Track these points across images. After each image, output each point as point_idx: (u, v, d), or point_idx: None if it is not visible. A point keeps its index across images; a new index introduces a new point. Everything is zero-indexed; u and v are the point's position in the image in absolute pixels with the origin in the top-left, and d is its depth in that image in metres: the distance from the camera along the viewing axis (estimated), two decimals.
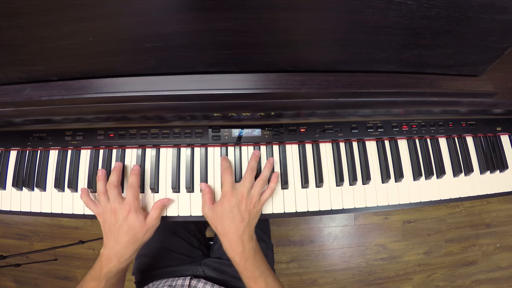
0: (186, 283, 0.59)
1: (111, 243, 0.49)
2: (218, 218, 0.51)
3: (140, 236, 0.50)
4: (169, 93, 0.43)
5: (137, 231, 0.50)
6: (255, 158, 0.55)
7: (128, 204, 0.50)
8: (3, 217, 1.45)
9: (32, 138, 0.57)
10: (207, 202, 0.52)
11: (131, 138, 0.57)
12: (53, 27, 0.35)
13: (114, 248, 0.49)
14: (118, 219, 0.50)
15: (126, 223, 0.49)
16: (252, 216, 0.51)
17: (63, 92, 0.43)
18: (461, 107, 0.54)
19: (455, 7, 0.35)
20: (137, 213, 0.50)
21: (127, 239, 0.49)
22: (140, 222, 0.50)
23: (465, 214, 1.51)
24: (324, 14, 0.36)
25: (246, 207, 0.51)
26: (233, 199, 0.50)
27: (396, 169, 0.60)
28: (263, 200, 0.53)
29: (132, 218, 0.50)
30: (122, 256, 0.49)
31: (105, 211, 0.51)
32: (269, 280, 0.49)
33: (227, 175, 0.53)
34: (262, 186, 0.53)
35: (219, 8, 0.34)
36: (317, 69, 0.45)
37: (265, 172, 0.54)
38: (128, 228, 0.49)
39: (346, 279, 1.44)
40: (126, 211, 0.50)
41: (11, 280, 1.42)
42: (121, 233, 0.49)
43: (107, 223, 0.50)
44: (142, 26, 0.36)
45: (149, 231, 0.51)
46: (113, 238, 0.49)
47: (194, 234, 0.73)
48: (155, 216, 0.52)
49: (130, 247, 0.49)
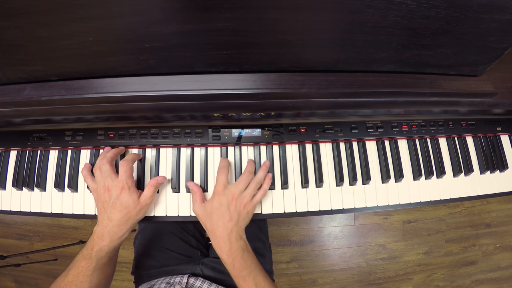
0: (184, 280, 0.59)
1: (104, 221, 0.49)
2: (208, 215, 0.51)
3: (134, 214, 0.50)
4: (169, 93, 0.43)
5: (130, 209, 0.49)
6: (252, 163, 0.56)
7: (122, 181, 0.50)
8: (3, 217, 1.45)
9: (32, 138, 0.57)
10: (197, 200, 0.53)
11: (131, 138, 0.57)
12: (53, 27, 0.35)
13: (107, 226, 0.48)
14: (112, 196, 0.49)
15: (119, 200, 0.49)
16: (242, 216, 0.51)
17: (63, 92, 0.43)
18: (461, 107, 0.54)
19: (455, 7, 0.35)
20: (131, 191, 0.50)
21: (120, 217, 0.49)
22: (133, 200, 0.50)
23: (465, 214, 1.51)
24: (324, 14, 0.36)
25: (235, 207, 0.51)
26: (223, 198, 0.51)
27: (396, 169, 0.60)
28: (254, 202, 0.53)
29: (125, 195, 0.49)
30: (114, 234, 0.48)
31: (99, 187, 0.50)
32: (259, 280, 0.49)
33: (221, 174, 0.53)
34: (255, 188, 0.53)
35: (219, 8, 0.34)
36: (317, 69, 0.45)
37: (259, 174, 0.54)
38: (121, 205, 0.49)
39: (346, 279, 1.44)
40: (119, 189, 0.49)
41: (11, 280, 1.42)
42: (114, 210, 0.49)
43: (101, 200, 0.50)
44: (142, 26, 0.36)
45: (143, 210, 0.51)
46: (106, 216, 0.49)
47: (193, 234, 0.73)
48: (149, 194, 0.52)
49: (123, 225, 0.49)
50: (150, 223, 0.72)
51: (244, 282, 0.48)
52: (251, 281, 0.48)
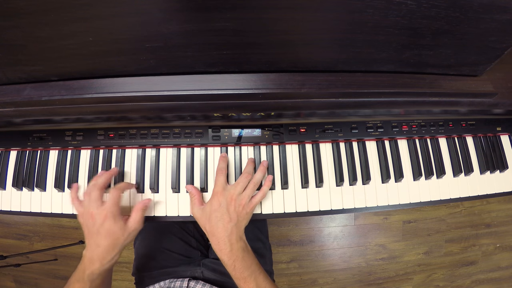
0: (184, 284, 0.59)
1: (92, 246, 0.48)
2: (207, 217, 0.51)
3: (121, 240, 0.49)
4: (169, 93, 0.43)
5: (117, 235, 0.49)
6: (251, 164, 0.56)
7: (105, 209, 0.49)
8: (3, 217, 1.45)
9: (32, 138, 0.57)
10: (196, 203, 0.53)
11: (131, 138, 0.57)
12: (53, 27, 0.35)
13: (95, 251, 0.48)
14: (95, 223, 0.48)
15: (103, 228, 0.48)
16: (241, 217, 0.51)
17: (63, 92, 0.43)
18: (461, 107, 0.54)
19: (455, 7, 0.35)
20: (115, 219, 0.49)
21: (107, 243, 0.48)
22: (119, 228, 0.49)
23: (465, 214, 1.51)
24: (324, 14, 0.36)
25: (234, 208, 0.50)
26: (222, 199, 0.50)
27: (396, 169, 0.60)
28: (253, 203, 0.52)
29: (108, 224, 0.48)
30: (103, 259, 0.48)
31: (84, 213, 0.50)
32: (260, 280, 0.49)
33: (220, 175, 0.53)
34: (254, 189, 0.53)
35: (219, 8, 0.34)
36: (317, 69, 0.45)
37: (257, 175, 0.54)
38: (106, 233, 0.48)
39: (346, 279, 1.44)
40: (102, 217, 0.48)
41: (11, 280, 1.42)
42: (99, 237, 0.48)
43: (86, 226, 0.49)
44: (142, 26, 0.36)
45: (131, 234, 0.51)
46: (93, 241, 0.48)
47: (193, 235, 0.73)
48: (137, 219, 0.51)
49: (112, 250, 0.48)
50: (150, 223, 0.72)
51: (245, 283, 0.48)
52: (252, 282, 0.48)
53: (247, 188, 0.52)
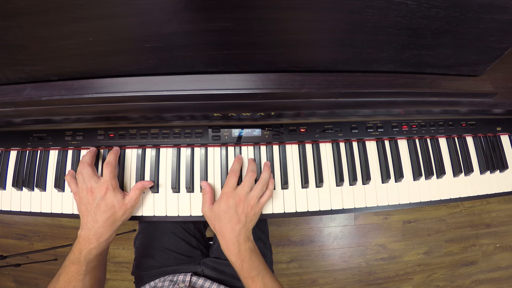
0: (187, 279, 0.59)
1: (89, 223, 0.48)
2: (216, 217, 0.51)
3: (119, 215, 0.50)
4: (169, 93, 0.43)
5: (115, 210, 0.49)
6: (253, 162, 0.56)
7: (106, 182, 0.50)
8: (3, 217, 1.45)
9: (32, 138, 0.57)
10: (207, 201, 0.53)
11: (131, 138, 0.57)
12: (53, 27, 0.35)
13: (92, 228, 0.48)
14: (96, 198, 0.49)
15: (104, 201, 0.49)
16: (249, 218, 0.51)
17: (63, 92, 0.43)
18: (461, 107, 0.54)
19: (455, 7, 0.35)
20: (115, 191, 0.50)
21: (106, 218, 0.48)
22: (118, 201, 0.50)
23: (465, 214, 1.51)
24: (324, 14, 0.36)
25: (243, 209, 0.51)
26: (231, 200, 0.51)
27: (396, 169, 0.60)
28: (261, 203, 0.53)
29: (109, 196, 0.49)
30: (100, 236, 0.48)
31: (82, 190, 0.50)
32: (267, 280, 0.49)
33: (232, 177, 0.53)
34: (262, 189, 0.53)
35: (219, 8, 0.34)
36: (317, 69, 0.45)
37: (264, 175, 0.55)
38: (106, 206, 0.49)
39: (346, 279, 1.44)
40: (104, 189, 0.49)
41: (11, 280, 1.42)
42: (98, 212, 0.48)
43: (84, 202, 0.50)
44: (142, 26, 0.36)
45: (128, 211, 0.51)
46: (91, 218, 0.48)
47: (193, 234, 0.73)
48: (134, 196, 0.52)
49: (109, 226, 0.49)
50: (150, 223, 0.72)
51: (252, 282, 0.48)
52: (259, 282, 0.48)
53: (254, 188, 0.53)
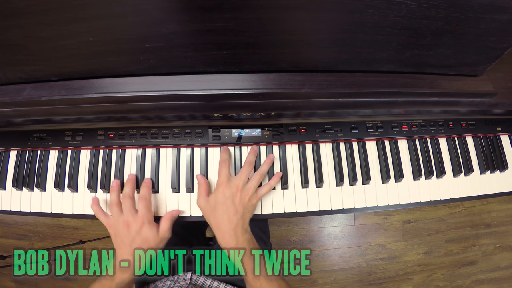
0: (187, 277, 0.59)
1: (125, 256, 0.49)
2: (211, 209, 0.50)
3: (154, 248, 0.50)
4: (169, 93, 0.43)
5: (150, 244, 0.49)
6: (253, 153, 0.55)
7: (142, 216, 0.50)
8: (3, 217, 1.45)
9: (32, 138, 0.57)
10: (202, 193, 0.52)
11: (131, 138, 0.57)
12: (53, 27, 0.35)
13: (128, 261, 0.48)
14: (131, 232, 0.49)
15: (140, 236, 0.49)
16: (247, 209, 0.50)
17: (63, 92, 0.43)
18: (461, 107, 0.54)
19: (455, 7, 0.35)
20: (151, 225, 0.50)
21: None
22: (153, 234, 0.50)
23: (465, 214, 1.51)
24: (324, 14, 0.36)
25: (240, 199, 0.50)
26: (227, 190, 0.50)
27: (396, 169, 0.60)
28: (259, 194, 0.52)
29: (145, 230, 0.49)
30: (135, 267, 0.48)
31: (118, 223, 0.50)
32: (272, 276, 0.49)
33: (223, 167, 0.52)
34: (259, 180, 0.53)
35: (219, 8, 0.34)
36: (317, 69, 0.45)
37: (263, 167, 0.54)
38: (142, 240, 0.49)
39: (346, 279, 1.44)
40: (140, 224, 0.49)
41: (11, 280, 1.42)
42: (134, 245, 0.49)
43: (119, 236, 0.50)
44: (142, 26, 0.36)
45: (162, 243, 0.51)
46: (127, 251, 0.49)
47: (193, 234, 0.74)
48: (166, 228, 0.51)
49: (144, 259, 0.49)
50: None
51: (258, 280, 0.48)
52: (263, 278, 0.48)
53: (252, 178, 0.52)
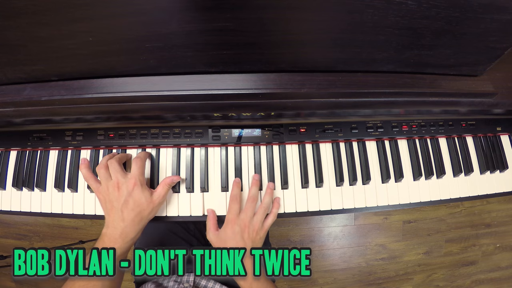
0: (191, 279, 0.59)
1: (115, 222, 0.46)
2: (222, 244, 0.51)
3: (146, 213, 0.48)
4: (169, 93, 0.43)
5: (143, 207, 0.47)
6: (256, 184, 0.55)
7: (134, 177, 0.48)
8: (3, 217, 1.45)
9: (32, 138, 0.57)
10: (211, 228, 0.53)
11: (131, 138, 0.57)
12: (53, 27, 0.35)
13: (118, 227, 0.46)
14: (123, 194, 0.47)
15: (132, 198, 0.47)
16: (256, 243, 0.52)
17: (63, 92, 0.43)
18: (461, 107, 0.54)
19: (455, 7, 0.35)
20: (143, 187, 0.48)
21: (133, 216, 0.46)
22: (146, 198, 0.48)
23: (465, 214, 1.51)
24: (324, 14, 0.36)
25: (248, 235, 0.51)
26: (236, 227, 0.51)
27: (396, 169, 0.60)
28: (266, 227, 0.53)
29: (137, 192, 0.47)
30: (126, 236, 0.46)
31: (107, 186, 0.48)
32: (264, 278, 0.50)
33: (234, 203, 0.53)
34: (264, 213, 0.53)
35: (219, 8, 0.34)
36: (317, 69, 0.45)
37: (266, 199, 0.54)
38: (134, 203, 0.47)
39: (346, 279, 1.44)
40: (132, 185, 0.47)
41: (11, 280, 1.42)
42: (126, 209, 0.46)
43: (109, 200, 0.47)
44: (142, 26, 0.36)
45: (155, 209, 0.50)
46: (118, 216, 0.46)
47: (193, 234, 0.73)
48: (163, 193, 0.50)
49: (136, 225, 0.47)
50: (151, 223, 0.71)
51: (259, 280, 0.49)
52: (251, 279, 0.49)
53: (257, 213, 0.53)
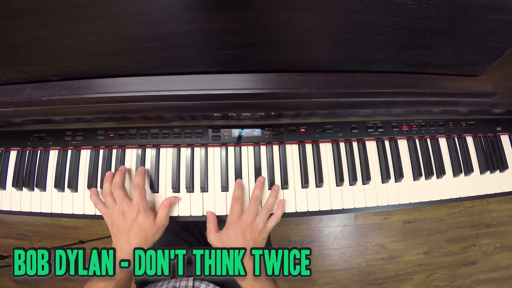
0: (190, 284, 0.59)
1: (122, 245, 0.49)
2: (224, 245, 0.51)
3: (151, 236, 0.50)
4: (169, 93, 0.43)
5: (147, 232, 0.50)
6: (260, 186, 0.55)
7: (137, 204, 0.50)
8: (3, 217, 1.45)
9: (32, 138, 0.57)
10: (212, 230, 0.53)
11: (131, 138, 0.57)
12: (53, 27, 0.35)
13: (125, 250, 0.49)
14: (127, 220, 0.49)
15: (136, 223, 0.49)
16: (258, 244, 0.52)
17: (63, 92, 0.43)
18: (461, 107, 0.54)
19: (455, 7, 0.35)
20: (147, 212, 0.50)
21: (138, 240, 0.49)
22: (150, 222, 0.50)
23: (465, 214, 1.51)
24: (324, 14, 0.36)
25: (251, 235, 0.51)
26: (238, 227, 0.51)
27: (396, 169, 0.60)
28: (268, 228, 0.53)
29: (141, 218, 0.50)
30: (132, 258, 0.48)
31: (113, 212, 0.51)
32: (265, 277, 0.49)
33: (237, 204, 0.53)
34: (267, 214, 0.53)
35: (219, 8, 0.34)
36: (317, 69, 0.45)
37: (269, 200, 0.54)
38: (139, 228, 0.49)
39: (346, 279, 1.44)
40: (135, 212, 0.50)
41: (11, 280, 1.42)
42: (131, 234, 0.49)
43: (116, 225, 0.50)
44: (142, 26, 0.36)
45: (159, 231, 0.52)
46: (124, 239, 0.49)
47: (193, 234, 0.73)
48: (164, 215, 0.52)
49: (141, 247, 0.49)
50: None
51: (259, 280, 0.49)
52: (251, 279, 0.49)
53: (260, 214, 0.53)
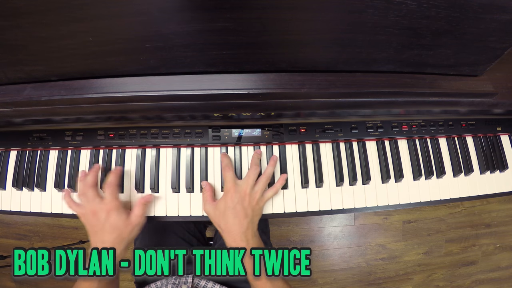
0: (189, 280, 0.59)
1: (98, 244, 0.48)
2: (221, 214, 0.50)
3: (126, 234, 0.50)
4: (169, 93, 0.43)
5: (121, 230, 0.49)
6: (257, 155, 0.55)
7: (108, 203, 0.50)
8: (3, 217, 1.45)
9: (32, 138, 0.57)
10: (208, 199, 0.52)
11: (131, 138, 0.57)
12: (53, 27, 0.35)
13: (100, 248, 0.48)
14: (100, 220, 0.49)
15: (108, 223, 0.49)
16: (256, 212, 0.51)
17: (63, 92, 0.43)
18: (461, 107, 0.54)
19: (455, 7, 0.35)
20: (119, 211, 0.50)
21: (112, 238, 0.48)
22: (123, 221, 0.49)
23: (465, 214, 1.51)
24: (324, 14, 0.36)
25: (249, 203, 0.50)
26: (236, 195, 0.50)
27: (396, 169, 0.60)
28: (266, 198, 0.53)
29: (114, 217, 0.49)
30: None
31: (86, 212, 0.50)
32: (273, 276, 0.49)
33: (228, 171, 0.52)
34: (266, 183, 0.53)
35: (219, 8, 0.34)
36: (317, 69, 0.45)
37: (268, 169, 0.54)
38: (111, 228, 0.49)
39: (346, 279, 1.44)
40: (106, 212, 0.49)
41: (11, 280, 1.42)
42: (105, 233, 0.48)
43: (89, 224, 0.50)
44: (142, 26, 0.36)
45: (135, 229, 0.51)
46: (98, 239, 0.49)
47: (193, 234, 0.73)
48: (139, 213, 0.51)
49: (117, 246, 0.49)
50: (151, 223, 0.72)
51: (259, 280, 0.49)
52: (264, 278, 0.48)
53: (258, 181, 0.52)
